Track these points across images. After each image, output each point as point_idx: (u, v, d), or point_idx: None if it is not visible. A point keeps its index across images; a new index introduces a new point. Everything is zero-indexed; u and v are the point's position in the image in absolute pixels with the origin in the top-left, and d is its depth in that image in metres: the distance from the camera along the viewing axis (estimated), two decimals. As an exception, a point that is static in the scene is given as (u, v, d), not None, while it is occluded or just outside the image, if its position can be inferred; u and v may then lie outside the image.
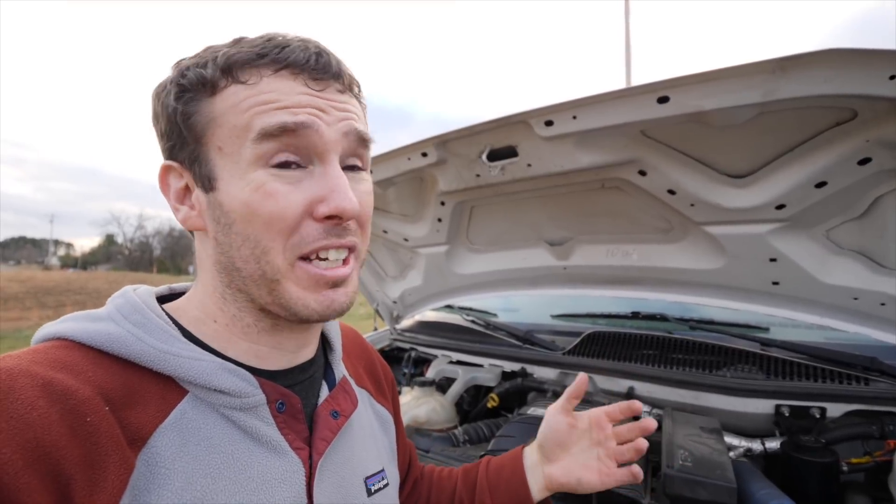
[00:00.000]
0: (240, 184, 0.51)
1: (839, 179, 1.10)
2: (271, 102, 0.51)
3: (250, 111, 0.51)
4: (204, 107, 0.52)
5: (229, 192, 0.52)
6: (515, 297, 2.09)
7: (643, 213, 1.46)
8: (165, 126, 0.54)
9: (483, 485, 0.85)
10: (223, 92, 0.52)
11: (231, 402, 0.53)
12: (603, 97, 1.10)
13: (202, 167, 0.53)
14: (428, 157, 1.48)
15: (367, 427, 0.74)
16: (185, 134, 0.53)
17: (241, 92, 0.51)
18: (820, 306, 1.36)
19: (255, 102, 0.51)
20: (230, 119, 0.51)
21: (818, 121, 1.03)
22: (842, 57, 0.87)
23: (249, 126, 0.50)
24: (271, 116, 0.50)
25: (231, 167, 0.52)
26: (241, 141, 0.51)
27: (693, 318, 1.70)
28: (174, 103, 0.52)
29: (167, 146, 0.56)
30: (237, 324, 0.58)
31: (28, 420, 0.40)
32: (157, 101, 0.55)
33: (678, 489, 1.01)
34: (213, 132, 0.52)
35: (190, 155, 0.54)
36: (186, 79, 0.52)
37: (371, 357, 0.86)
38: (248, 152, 0.51)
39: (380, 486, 0.70)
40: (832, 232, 1.23)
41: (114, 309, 0.54)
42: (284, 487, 0.54)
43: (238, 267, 0.54)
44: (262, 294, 0.54)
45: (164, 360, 0.50)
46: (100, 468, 0.43)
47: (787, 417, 1.27)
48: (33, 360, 0.45)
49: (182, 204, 0.57)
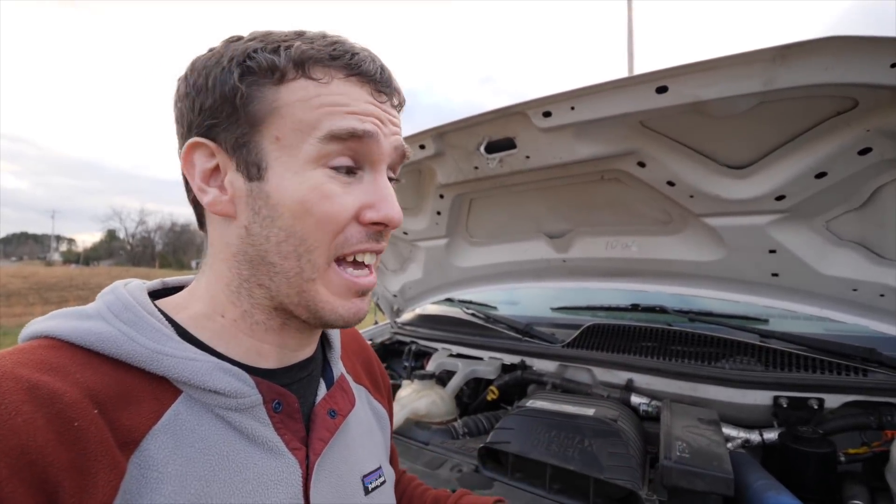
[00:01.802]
0: (295, 179, 0.51)
1: (839, 170, 1.09)
2: (342, 105, 0.51)
3: (321, 109, 0.51)
4: (268, 93, 0.51)
5: (281, 186, 0.51)
6: (515, 290, 2.09)
7: (642, 204, 1.45)
8: (213, 102, 0.51)
9: None
10: (291, 84, 0.51)
11: (226, 403, 0.51)
12: (601, 87, 1.09)
13: (250, 153, 0.52)
14: (426, 150, 1.47)
15: (365, 424, 0.73)
16: (240, 116, 0.51)
17: (311, 88, 0.51)
18: (819, 297, 1.35)
19: (325, 102, 0.51)
20: (296, 112, 0.51)
21: (818, 110, 1.02)
22: (842, 45, 0.85)
23: (317, 124, 0.50)
24: (342, 120, 0.51)
25: (286, 160, 0.51)
26: (303, 136, 0.51)
27: (692, 310, 1.70)
28: (236, 82, 0.50)
29: (207, 123, 0.53)
30: (246, 320, 0.56)
31: (12, 426, 0.39)
32: (206, 75, 0.52)
33: (675, 480, 1.02)
34: (272, 121, 0.51)
35: (238, 138, 0.52)
36: (254, 61, 0.50)
37: (368, 354, 0.85)
38: (310, 149, 0.51)
39: (377, 484, 0.69)
40: (832, 223, 1.23)
41: (104, 306, 0.51)
42: (281, 489, 0.53)
43: (272, 262, 0.53)
44: (289, 293, 0.54)
45: (157, 361, 0.48)
46: (89, 474, 0.41)
47: (785, 408, 1.27)
48: (18, 361, 0.43)
49: (209, 185, 0.54)
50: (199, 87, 0.52)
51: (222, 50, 0.53)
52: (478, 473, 1.29)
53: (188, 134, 0.54)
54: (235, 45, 0.53)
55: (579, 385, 1.56)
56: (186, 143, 0.53)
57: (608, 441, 1.19)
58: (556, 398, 1.44)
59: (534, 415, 1.33)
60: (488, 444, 1.25)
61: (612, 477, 1.08)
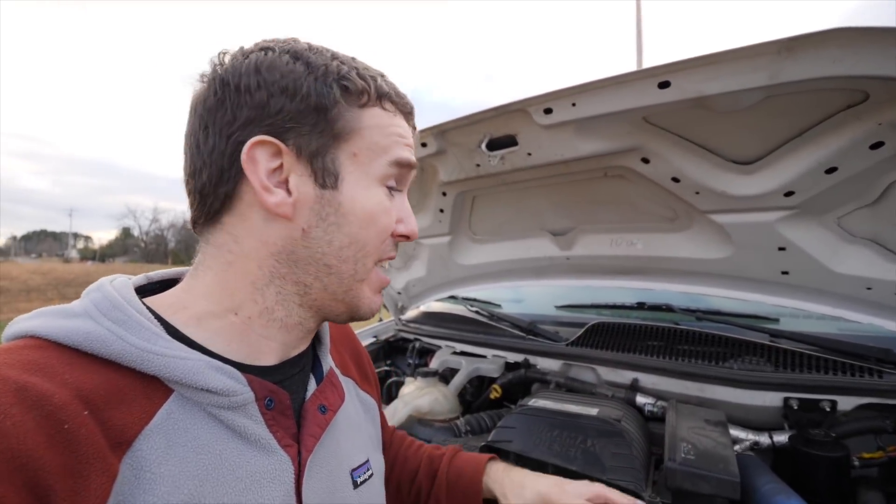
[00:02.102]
0: (367, 193, 0.58)
1: (851, 164, 1.05)
2: (403, 137, 0.62)
3: (392, 138, 0.60)
4: (353, 113, 0.57)
5: (354, 197, 0.57)
6: (520, 288, 2.07)
7: (647, 201, 1.42)
8: (301, 108, 0.54)
9: (442, 482, 0.90)
10: (370, 110, 0.58)
11: (218, 401, 0.51)
12: (602, 83, 1.06)
13: (326, 163, 0.56)
14: (427, 148, 1.46)
15: (353, 417, 0.74)
16: (324, 127, 0.55)
17: (384, 118, 0.60)
18: (831, 296, 1.31)
19: (395, 132, 0.60)
20: (373, 136, 0.58)
21: (828, 103, 0.99)
22: (852, 36, 0.82)
23: (388, 150, 0.59)
24: (404, 150, 0.61)
25: (358, 175, 0.58)
26: (375, 157, 0.58)
27: (699, 309, 1.66)
28: (338, 97, 0.55)
29: (285, 125, 0.54)
30: (264, 316, 0.58)
31: (2, 429, 0.38)
32: (294, 80, 0.54)
33: (680, 482, 0.99)
34: (353, 139, 0.57)
35: (316, 146, 0.55)
36: (351, 83, 0.56)
37: (355, 344, 0.87)
38: (379, 169, 0.59)
39: (365, 478, 0.70)
40: (844, 219, 1.19)
41: (90, 304, 0.51)
42: (274, 486, 0.54)
43: (329, 263, 0.57)
44: (337, 290, 0.60)
45: (147, 360, 0.48)
46: (81, 477, 0.41)
47: (795, 410, 1.24)
48: (4, 362, 0.43)
49: (276, 186, 0.55)
50: (284, 89, 0.54)
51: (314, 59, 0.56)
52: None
53: (244, 128, 0.54)
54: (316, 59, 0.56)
55: (583, 384, 1.54)
56: (254, 138, 0.53)
57: (611, 441, 1.17)
58: (560, 397, 1.42)
59: (536, 414, 1.31)
60: (490, 443, 1.24)
61: (613, 478, 1.06)
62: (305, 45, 0.58)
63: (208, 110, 0.55)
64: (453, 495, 0.88)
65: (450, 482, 0.89)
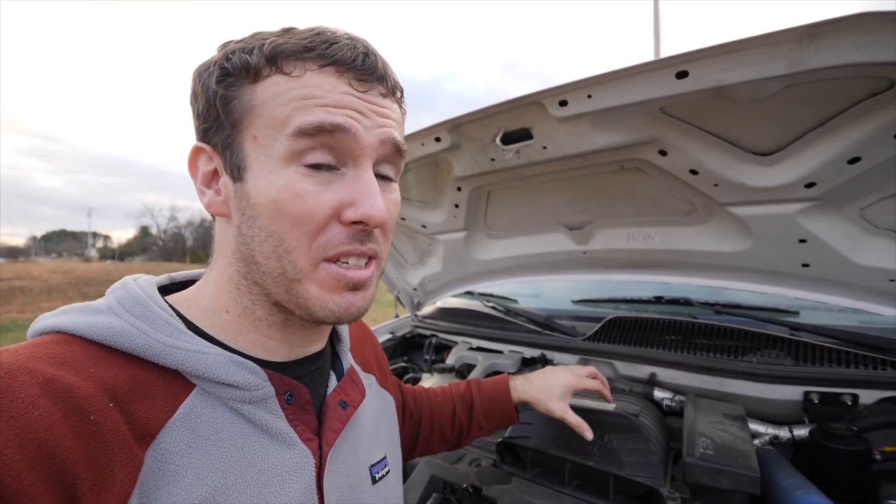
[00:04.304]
0: (269, 178, 0.51)
1: (874, 154, 1.03)
2: (312, 98, 0.50)
3: (290, 104, 0.50)
4: (245, 93, 0.51)
5: (258, 186, 0.51)
6: (536, 283, 2.06)
7: (664, 194, 1.40)
8: (203, 107, 0.53)
9: (479, 410, 1.05)
10: (265, 81, 0.51)
11: (240, 395, 0.52)
12: (618, 74, 1.05)
13: (234, 155, 0.52)
14: (441, 142, 1.45)
15: (373, 414, 0.74)
16: (222, 118, 0.52)
17: (283, 83, 0.50)
18: (854, 289, 1.29)
19: (295, 96, 0.50)
20: (269, 109, 0.50)
21: (851, 92, 0.96)
22: (876, 21, 0.80)
23: (287, 120, 0.50)
24: (310, 113, 0.49)
25: (263, 160, 0.51)
26: (276, 133, 0.50)
27: (718, 303, 1.64)
28: (215, 86, 0.51)
29: (202, 128, 0.54)
30: (248, 316, 0.57)
31: (29, 420, 0.39)
32: (199, 80, 0.54)
33: (698, 477, 0.99)
34: (250, 120, 0.51)
35: (224, 140, 0.53)
36: (230, 63, 0.51)
37: (373, 340, 0.88)
38: (281, 147, 0.50)
39: (383, 474, 0.71)
40: (867, 210, 1.16)
41: (115, 301, 0.52)
42: (295, 479, 0.54)
43: (258, 261, 0.53)
44: (279, 291, 0.54)
45: (170, 355, 0.49)
46: (106, 467, 0.42)
47: (816, 404, 1.22)
48: (32, 355, 0.44)
49: (208, 188, 0.56)
50: (196, 94, 0.54)
51: (213, 55, 0.54)
52: (496, 468, 1.28)
53: (197, 135, 0.56)
54: (221, 50, 0.53)
55: (601, 379, 1.53)
56: (192, 146, 0.55)
57: (629, 437, 1.16)
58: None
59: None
60: (507, 439, 1.24)
61: (631, 474, 1.06)
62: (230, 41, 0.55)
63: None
64: (491, 417, 1.05)
65: (485, 408, 1.05)
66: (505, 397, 1.06)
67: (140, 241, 70.15)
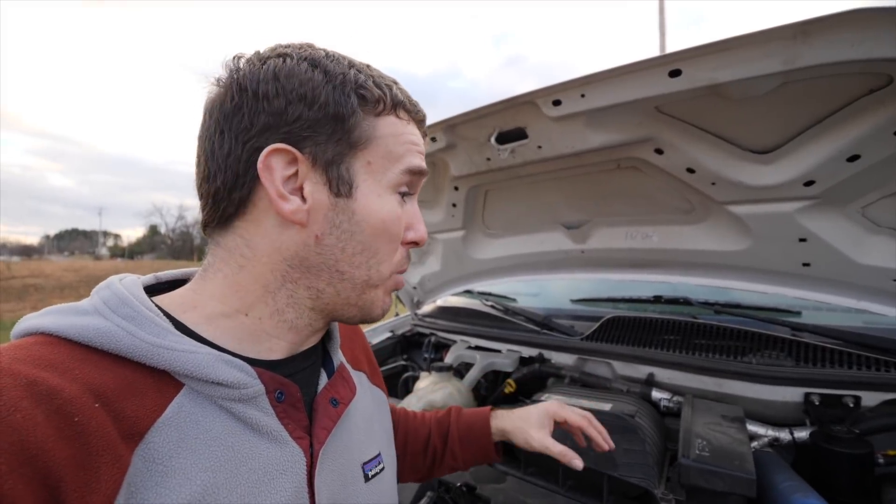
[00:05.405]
0: (379, 201, 0.58)
1: (874, 152, 1.01)
2: (416, 145, 0.61)
3: (405, 146, 0.60)
4: (369, 122, 0.57)
5: (367, 205, 0.57)
6: (535, 282, 2.06)
7: (662, 193, 1.39)
8: (319, 116, 0.53)
9: (454, 436, 0.97)
10: (385, 118, 0.58)
11: (229, 394, 0.52)
12: (610, 73, 1.04)
13: (341, 171, 0.56)
14: (437, 142, 1.45)
15: (365, 411, 0.74)
16: (341, 136, 0.55)
17: (398, 126, 0.60)
18: (856, 289, 1.27)
19: (408, 140, 0.60)
20: (388, 144, 0.58)
21: (848, 89, 0.94)
22: (871, 17, 0.78)
23: (402, 158, 0.59)
24: (417, 158, 0.61)
25: (372, 183, 0.58)
26: (389, 165, 0.58)
27: (718, 302, 1.63)
28: (356, 105, 0.56)
29: (302, 133, 0.53)
30: (274, 318, 0.58)
31: (11, 422, 0.39)
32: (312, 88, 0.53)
33: (694, 479, 0.98)
34: (368, 147, 0.57)
35: (331, 154, 0.55)
36: (368, 91, 0.56)
37: (363, 339, 0.88)
38: (392, 177, 0.59)
39: (376, 471, 0.70)
40: (868, 209, 1.14)
41: (100, 301, 0.51)
42: (286, 478, 0.54)
43: (341, 270, 0.58)
44: (350, 295, 0.60)
45: (157, 355, 0.48)
46: (91, 468, 0.41)
47: (817, 406, 1.20)
48: (14, 357, 0.43)
49: (292, 194, 0.55)
50: (302, 97, 0.53)
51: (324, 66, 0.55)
52: (491, 467, 1.27)
53: (261, 135, 0.53)
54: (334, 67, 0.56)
55: (598, 379, 1.52)
56: (271, 146, 0.53)
57: (624, 437, 1.15)
58: (574, 392, 1.41)
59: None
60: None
61: (625, 474, 1.06)
62: (322, 53, 0.57)
63: (225, 115, 0.54)
64: (466, 445, 0.96)
65: (461, 434, 0.96)
66: (483, 426, 0.97)
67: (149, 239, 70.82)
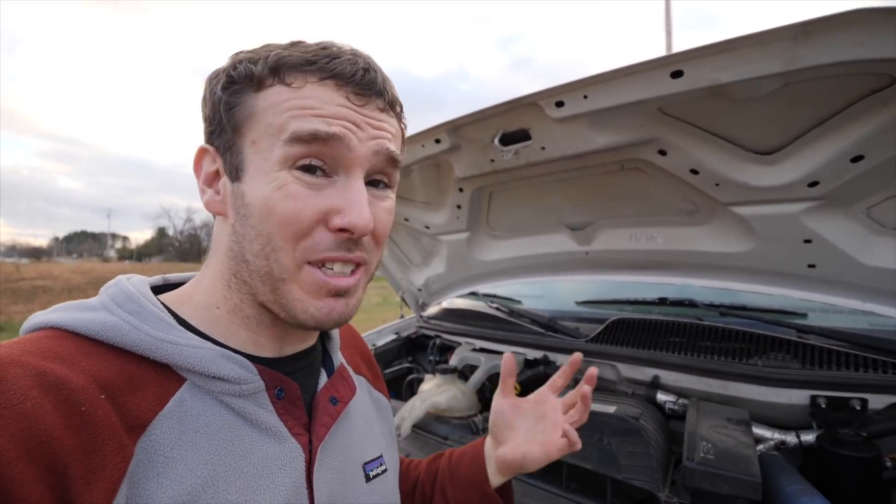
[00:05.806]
0: (264, 180, 0.53)
1: (878, 152, 1.00)
2: (309, 108, 0.52)
3: (288, 113, 0.52)
4: (247, 100, 0.54)
5: (253, 186, 0.53)
6: (539, 284, 2.06)
7: (666, 194, 1.38)
8: (209, 111, 0.57)
9: (444, 472, 0.85)
10: (268, 90, 0.53)
11: (230, 389, 0.53)
12: (613, 74, 1.04)
13: (233, 157, 0.55)
14: (441, 144, 1.45)
15: (366, 413, 0.75)
16: (225, 122, 0.55)
17: (283, 93, 0.53)
18: (861, 290, 1.26)
19: (293, 105, 0.52)
20: (268, 117, 0.53)
21: (851, 89, 0.94)
22: (872, 17, 0.77)
23: (284, 127, 0.52)
24: (306, 122, 0.52)
25: (259, 163, 0.53)
26: (273, 139, 0.52)
27: (724, 304, 1.62)
28: (220, 92, 0.55)
29: (208, 130, 0.58)
30: (237, 314, 0.58)
31: (20, 410, 0.40)
32: (208, 86, 0.57)
33: (698, 482, 0.97)
34: (250, 126, 0.54)
35: (225, 143, 0.56)
36: (236, 71, 0.54)
37: (364, 346, 0.88)
38: (277, 152, 0.52)
39: (378, 472, 0.70)
40: (873, 210, 1.13)
41: (107, 298, 0.53)
42: (284, 473, 0.55)
43: (248, 259, 0.54)
44: (265, 291, 0.55)
45: (161, 349, 0.50)
46: (97, 456, 0.42)
47: (824, 409, 1.20)
48: (25, 349, 0.45)
49: (209, 187, 0.59)
50: (204, 98, 0.58)
51: (224, 64, 0.57)
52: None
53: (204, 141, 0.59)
54: (232, 59, 0.57)
55: (603, 381, 1.52)
56: (198, 147, 0.59)
57: (628, 440, 1.15)
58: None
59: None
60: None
61: (629, 477, 1.05)
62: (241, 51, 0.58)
63: None
64: (457, 480, 0.83)
65: (452, 471, 0.85)
66: (475, 456, 0.84)
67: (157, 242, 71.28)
